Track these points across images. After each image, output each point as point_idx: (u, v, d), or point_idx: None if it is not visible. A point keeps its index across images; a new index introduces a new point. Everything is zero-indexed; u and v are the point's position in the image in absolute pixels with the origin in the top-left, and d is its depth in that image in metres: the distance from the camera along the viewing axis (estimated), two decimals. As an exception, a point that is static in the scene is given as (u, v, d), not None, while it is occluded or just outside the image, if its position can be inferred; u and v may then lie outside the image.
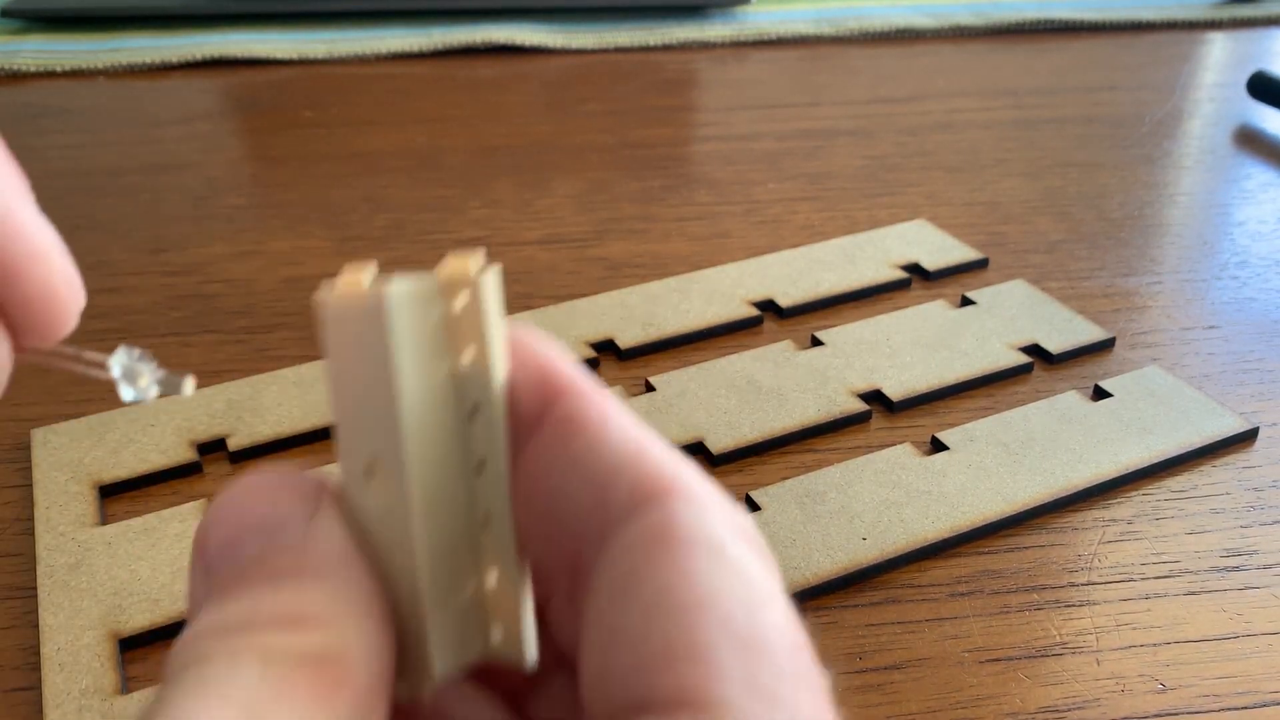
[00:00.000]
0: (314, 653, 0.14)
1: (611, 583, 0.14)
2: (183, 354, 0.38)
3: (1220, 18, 0.70)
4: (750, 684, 0.13)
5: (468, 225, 0.46)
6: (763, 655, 0.13)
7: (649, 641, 0.14)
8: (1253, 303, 0.42)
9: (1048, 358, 0.38)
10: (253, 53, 0.63)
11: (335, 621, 0.14)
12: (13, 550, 0.30)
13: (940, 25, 0.68)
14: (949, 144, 0.54)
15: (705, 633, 0.13)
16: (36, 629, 0.28)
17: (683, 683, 0.13)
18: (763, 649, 0.13)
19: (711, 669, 0.13)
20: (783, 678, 0.13)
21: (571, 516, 0.15)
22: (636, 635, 0.14)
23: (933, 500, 0.31)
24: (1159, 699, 0.26)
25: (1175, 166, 0.53)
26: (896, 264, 0.43)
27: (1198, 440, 0.34)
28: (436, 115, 0.57)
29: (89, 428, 0.34)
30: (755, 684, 0.13)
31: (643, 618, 0.14)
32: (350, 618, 0.14)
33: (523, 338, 0.16)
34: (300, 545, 0.15)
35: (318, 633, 0.14)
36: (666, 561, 0.14)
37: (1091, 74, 0.63)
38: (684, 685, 0.13)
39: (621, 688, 0.14)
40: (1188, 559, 0.30)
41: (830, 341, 0.38)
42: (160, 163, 0.52)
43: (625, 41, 0.66)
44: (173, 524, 0.30)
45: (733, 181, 0.50)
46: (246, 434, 0.34)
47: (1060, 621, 0.28)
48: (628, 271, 0.43)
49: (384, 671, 0.15)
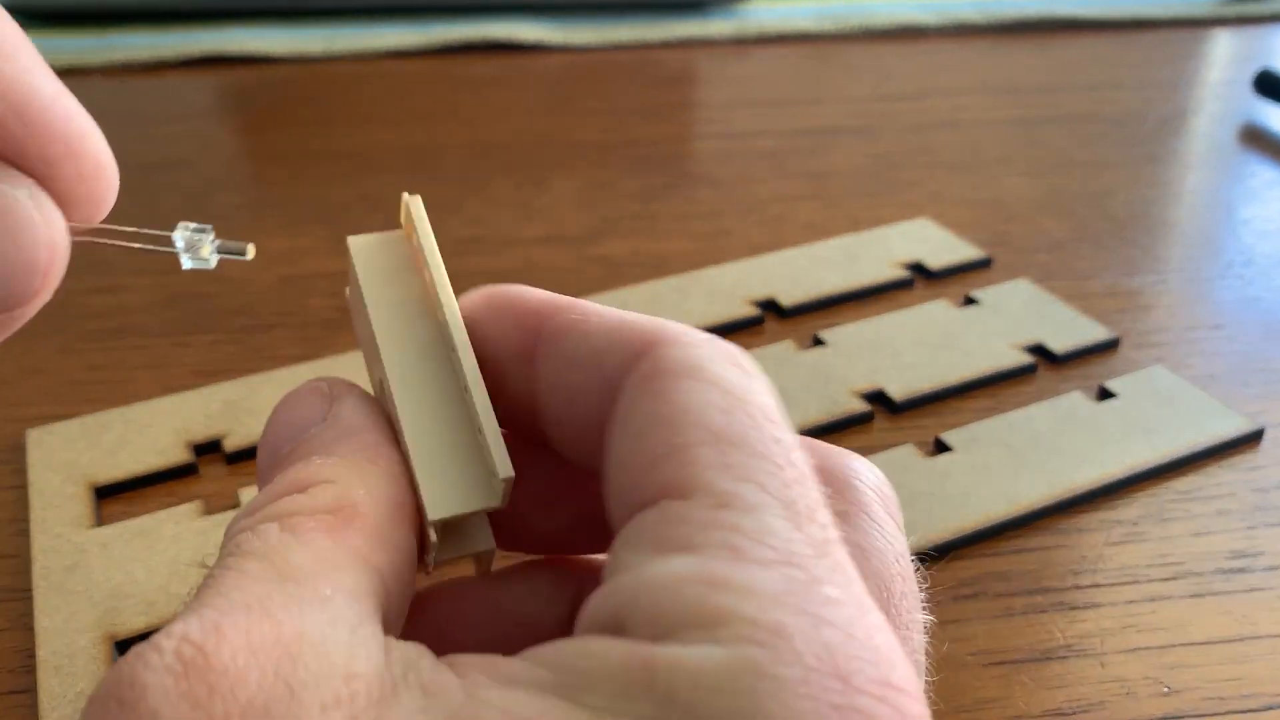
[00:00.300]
0: (324, 505, 0.16)
1: (615, 422, 0.16)
2: (178, 354, 0.38)
3: (1225, 15, 0.69)
4: (724, 467, 0.15)
5: (466, 224, 0.46)
6: (736, 445, 0.15)
7: (640, 455, 0.15)
8: (1259, 301, 0.42)
9: (1052, 358, 0.38)
10: (249, 50, 0.63)
11: (343, 479, 0.16)
12: (7, 552, 0.30)
13: (944, 22, 0.68)
14: (952, 142, 0.54)
15: (683, 436, 0.15)
16: (32, 632, 0.27)
17: (664, 479, 0.15)
18: (736, 440, 0.15)
19: (687, 462, 0.15)
20: (753, 458, 0.15)
21: (590, 405, 0.17)
22: (632, 455, 0.16)
23: (936, 502, 0.31)
24: (1164, 702, 0.26)
25: (1180, 165, 0.53)
26: (899, 263, 0.43)
27: (1203, 441, 0.33)
28: (434, 113, 0.57)
29: (84, 428, 0.34)
30: (728, 466, 0.15)
31: (635, 440, 0.16)
32: (357, 474, 0.16)
33: (498, 291, 0.19)
34: (316, 434, 0.17)
35: (328, 490, 0.16)
36: (652, 391, 0.16)
37: (1096, 71, 0.63)
38: (665, 480, 0.15)
39: (626, 499, 0.16)
40: (1193, 561, 0.30)
41: (832, 341, 0.38)
42: (156, 161, 0.52)
43: (625, 38, 0.66)
44: (169, 525, 0.30)
45: (734, 179, 0.50)
46: (243, 434, 0.33)
47: (1065, 624, 0.28)
48: (628, 270, 0.43)
49: (394, 511, 0.17)
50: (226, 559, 0.15)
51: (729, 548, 0.14)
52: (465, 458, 0.17)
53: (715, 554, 0.14)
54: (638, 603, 0.14)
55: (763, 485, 0.15)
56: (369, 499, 0.16)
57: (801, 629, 0.13)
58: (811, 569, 0.14)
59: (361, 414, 0.18)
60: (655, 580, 0.14)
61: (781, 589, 0.13)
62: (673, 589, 0.14)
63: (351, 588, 0.15)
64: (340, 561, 0.15)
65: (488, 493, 0.17)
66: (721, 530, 0.14)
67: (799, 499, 0.15)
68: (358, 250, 0.19)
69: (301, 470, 0.17)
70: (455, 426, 0.18)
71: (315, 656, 0.14)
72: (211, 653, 0.13)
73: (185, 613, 0.14)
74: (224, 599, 0.14)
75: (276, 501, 0.16)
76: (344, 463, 0.17)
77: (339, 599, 0.15)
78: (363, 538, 0.16)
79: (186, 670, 0.13)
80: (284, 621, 0.14)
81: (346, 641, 0.14)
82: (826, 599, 0.13)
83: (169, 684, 0.13)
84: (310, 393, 0.18)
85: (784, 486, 0.15)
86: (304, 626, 0.14)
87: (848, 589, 0.14)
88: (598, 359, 0.17)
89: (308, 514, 0.16)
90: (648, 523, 0.15)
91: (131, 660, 0.13)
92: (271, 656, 0.13)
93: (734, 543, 0.14)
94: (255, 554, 0.15)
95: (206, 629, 0.13)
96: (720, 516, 0.14)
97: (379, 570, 0.16)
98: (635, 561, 0.14)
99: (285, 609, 0.14)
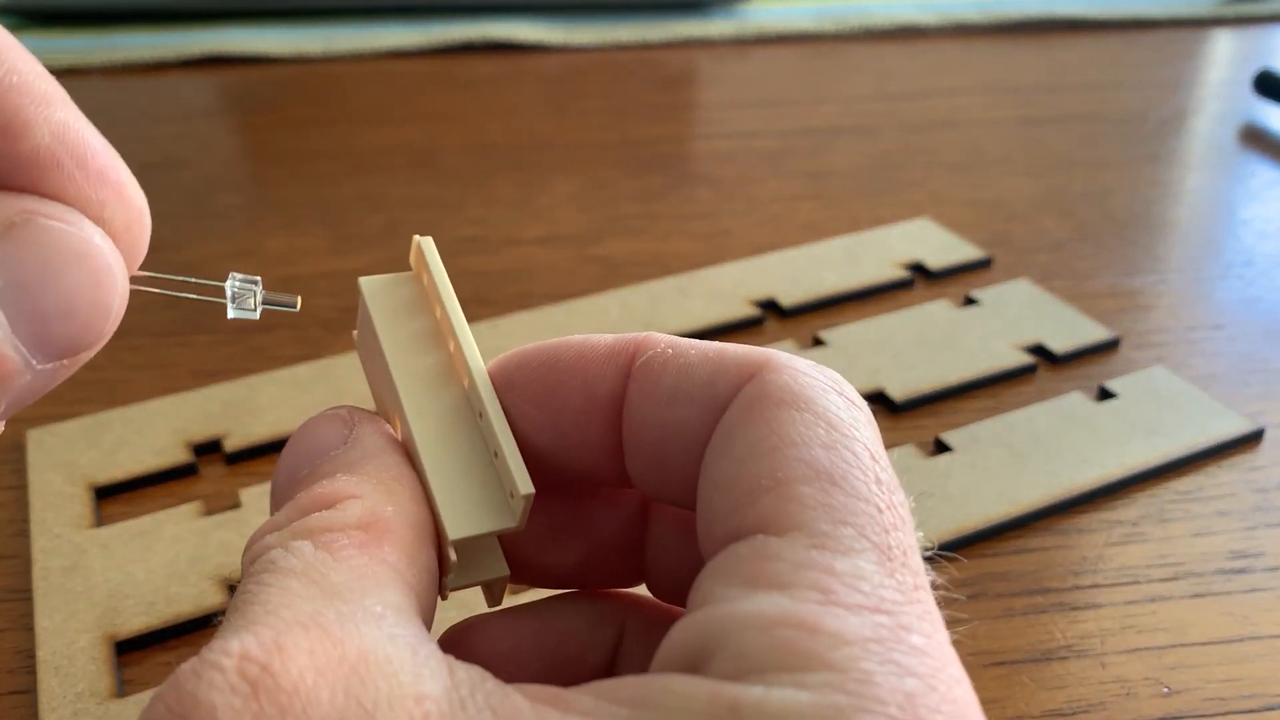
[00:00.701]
0: (355, 521, 0.16)
1: (714, 445, 0.16)
2: (178, 355, 0.38)
3: (1225, 15, 0.69)
4: (824, 508, 0.15)
5: (466, 224, 0.46)
6: (837, 484, 0.15)
7: (739, 483, 0.15)
8: (1259, 302, 0.42)
9: (1052, 358, 0.38)
10: (249, 50, 0.63)
11: (370, 495, 0.16)
12: (7, 552, 0.30)
13: (944, 22, 0.68)
14: (952, 142, 0.54)
15: (785, 470, 0.15)
16: (32, 632, 0.27)
17: (763, 512, 0.15)
18: (838, 479, 0.15)
19: (788, 499, 0.15)
20: (854, 499, 0.15)
21: (694, 436, 0.17)
22: (730, 480, 0.15)
23: (936, 502, 0.31)
24: (1164, 703, 0.26)
25: (1180, 165, 0.52)
26: (899, 263, 0.43)
27: (1203, 441, 0.33)
28: (434, 113, 0.57)
29: (84, 429, 0.33)
30: (829, 507, 0.15)
31: (735, 465, 0.16)
32: (385, 491, 0.17)
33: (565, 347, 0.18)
34: (338, 455, 0.17)
35: (356, 505, 0.16)
36: (757, 418, 0.16)
37: (1096, 71, 0.63)
38: (764, 515, 0.15)
39: (721, 526, 0.15)
40: (1193, 561, 0.30)
41: (832, 341, 0.38)
42: (156, 161, 0.52)
43: (625, 38, 0.66)
44: (168, 526, 0.30)
45: (734, 179, 0.50)
46: (243, 435, 0.33)
47: (1065, 624, 0.28)
48: (628, 271, 0.43)
49: (423, 527, 0.17)
50: (262, 575, 0.15)
51: (820, 589, 0.14)
52: (482, 481, 0.18)
53: (806, 595, 0.14)
54: (726, 638, 0.14)
55: (861, 529, 0.15)
56: (398, 515, 0.16)
57: (886, 678, 0.13)
58: (900, 616, 0.14)
59: (381, 438, 0.18)
60: (746, 618, 0.14)
61: (868, 635, 0.13)
62: (762, 629, 0.14)
63: (398, 604, 0.15)
64: (382, 578, 0.15)
65: (506, 514, 0.17)
66: (814, 571, 0.14)
67: (895, 545, 0.15)
68: (370, 291, 0.19)
69: (327, 486, 0.16)
70: (471, 453, 0.18)
71: (383, 677, 0.13)
72: (279, 672, 0.13)
73: (234, 629, 0.14)
74: (275, 616, 0.14)
75: (305, 518, 0.16)
76: (370, 480, 0.17)
77: (390, 616, 0.14)
78: (397, 554, 0.16)
79: (255, 690, 0.13)
80: (344, 640, 0.13)
81: (411, 661, 0.14)
82: (912, 648, 0.14)
83: (237, 705, 0.12)
84: (330, 418, 0.18)
85: (882, 531, 0.15)
86: (365, 645, 0.14)
87: (933, 637, 0.14)
88: (705, 390, 0.17)
89: (340, 530, 0.15)
90: (742, 555, 0.15)
91: (190, 678, 0.13)
92: (339, 676, 0.13)
93: (826, 584, 0.14)
94: (294, 571, 0.15)
95: (268, 647, 0.13)
96: (814, 557, 0.14)
97: (414, 588, 0.16)
98: (726, 594, 0.14)
99: (342, 627, 0.14)
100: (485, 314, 0.40)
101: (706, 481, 0.16)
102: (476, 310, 0.40)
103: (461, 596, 0.28)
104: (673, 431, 0.17)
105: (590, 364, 0.18)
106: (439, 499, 0.17)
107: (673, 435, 0.17)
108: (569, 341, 0.18)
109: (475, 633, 0.19)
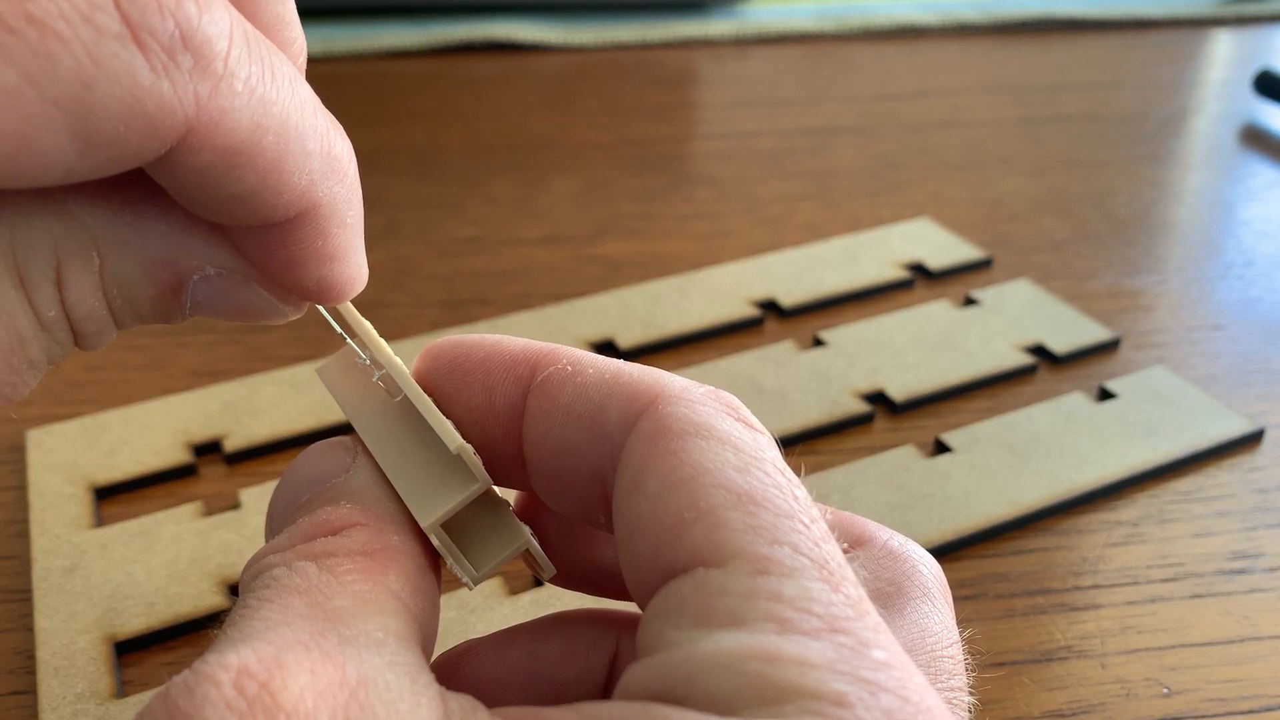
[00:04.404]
0: (360, 548, 0.16)
1: (622, 488, 0.16)
2: (178, 355, 0.38)
3: (1225, 15, 0.69)
4: (754, 530, 0.15)
5: (465, 224, 0.46)
6: (759, 505, 0.15)
7: (662, 519, 0.15)
8: (1259, 302, 0.42)
9: (1052, 358, 0.38)
10: (251, 50, 0.63)
11: (374, 524, 0.16)
12: (7, 553, 0.30)
13: (944, 22, 0.68)
14: (953, 142, 0.54)
15: (705, 498, 0.15)
16: (31, 633, 0.27)
17: (696, 544, 0.15)
18: (758, 500, 0.15)
19: (715, 527, 0.15)
20: (780, 517, 0.15)
21: (585, 458, 0.17)
22: (650, 520, 0.15)
23: (936, 503, 0.31)
24: (1165, 703, 0.26)
25: (1180, 165, 0.52)
26: (900, 263, 0.43)
27: (1204, 442, 0.33)
28: (434, 113, 0.57)
29: (84, 429, 0.33)
30: (758, 529, 0.15)
31: (652, 502, 0.15)
32: (388, 521, 0.17)
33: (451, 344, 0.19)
34: (341, 482, 0.17)
35: (362, 532, 0.16)
36: (661, 452, 0.16)
37: (1096, 71, 0.63)
38: (697, 546, 0.15)
39: (652, 566, 0.15)
40: (1193, 562, 0.30)
41: (833, 342, 0.38)
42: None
43: (625, 38, 0.65)
44: (168, 526, 0.30)
45: (734, 180, 0.50)
46: (242, 435, 0.33)
47: (1065, 625, 0.28)
48: (628, 271, 0.43)
49: (425, 560, 0.17)
50: (263, 591, 0.15)
51: (775, 619, 0.14)
52: (441, 473, 0.18)
53: (762, 626, 0.14)
54: (693, 681, 0.14)
55: (795, 547, 0.14)
56: (402, 544, 0.16)
57: (861, 697, 0.13)
58: (857, 632, 0.14)
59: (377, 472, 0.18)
60: (709, 659, 0.14)
61: (833, 657, 0.13)
62: (731, 668, 0.13)
63: (400, 632, 0.15)
64: (383, 605, 0.15)
65: (466, 481, 0.18)
66: (762, 600, 0.14)
67: (829, 558, 0.15)
68: (324, 374, 0.21)
69: (332, 513, 0.16)
70: (429, 458, 0.18)
71: (382, 704, 0.13)
72: (278, 690, 0.13)
73: (231, 642, 0.14)
74: (275, 633, 0.14)
75: (309, 541, 0.16)
76: (374, 509, 0.17)
77: (392, 643, 0.14)
78: (401, 582, 0.16)
79: (251, 708, 0.12)
80: (345, 663, 0.13)
81: (409, 689, 0.14)
82: (877, 663, 0.14)
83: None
84: (333, 446, 0.18)
85: (814, 545, 0.15)
86: (365, 671, 0.14)
87: (891, 648, 0.14)
88: (596, 414, 0.17)
89: (344, 555, 0.15)
90: (685, 593, 0.14)
91: (183, 692, 0.13)
92: (340, 700, 0.13)
93: (778, 613, 0.14)
94: (297, 589, 0.15)
95: (268, 663, 0.13)
96: (760, 585, 0.14)
97: (416, 616, 0.16)
98: (680, 638, 0.14)
99: (343, 650, 0.14)
100: (485, 314, 0.40)
101: (623, 522, 0.16)
102: (476, 310, 0.40)
103: (462, 597, 0.28)
104: (566, 450, 0.17)
105: (493, 371, 0.18)
106: (403, 495, 0.18)
107: (565, 455, 0.17)
108: (481, 341, 0.18)
109: (468, 659, 0.19)
